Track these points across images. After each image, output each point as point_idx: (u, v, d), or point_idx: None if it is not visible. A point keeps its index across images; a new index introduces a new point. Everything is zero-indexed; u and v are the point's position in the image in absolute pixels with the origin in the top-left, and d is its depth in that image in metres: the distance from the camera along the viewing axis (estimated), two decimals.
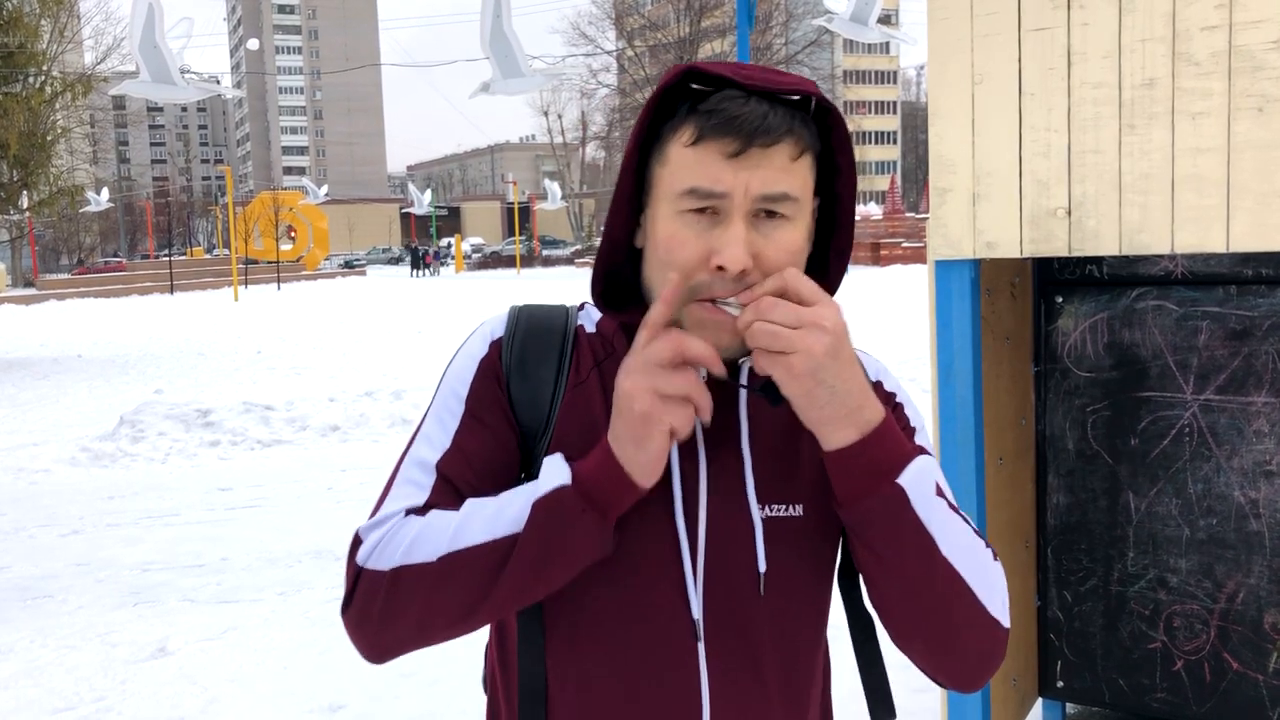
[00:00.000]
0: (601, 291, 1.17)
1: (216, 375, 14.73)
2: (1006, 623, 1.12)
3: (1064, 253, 2.54)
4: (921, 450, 1.08)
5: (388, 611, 1.07)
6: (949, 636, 1.10)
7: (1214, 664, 2.88)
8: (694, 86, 1.08)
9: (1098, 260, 2.98)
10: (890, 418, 1.06)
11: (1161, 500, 2.92)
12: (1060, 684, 3.13)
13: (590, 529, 1.04)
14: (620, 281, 1.18)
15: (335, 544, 6.22)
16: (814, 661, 1.20)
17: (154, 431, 9.42)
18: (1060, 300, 3.01)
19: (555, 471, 1.06)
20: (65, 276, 50.26)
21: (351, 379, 13.30)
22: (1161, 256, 2.87)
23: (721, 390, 1.11)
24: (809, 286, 1.02)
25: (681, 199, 1.06)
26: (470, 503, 1.09)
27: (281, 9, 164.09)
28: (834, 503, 1.08)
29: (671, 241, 1.07)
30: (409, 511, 1.11)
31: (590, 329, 1.21)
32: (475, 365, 1.18)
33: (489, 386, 1.16)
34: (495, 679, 1.23)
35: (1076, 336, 3.00)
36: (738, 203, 1.05)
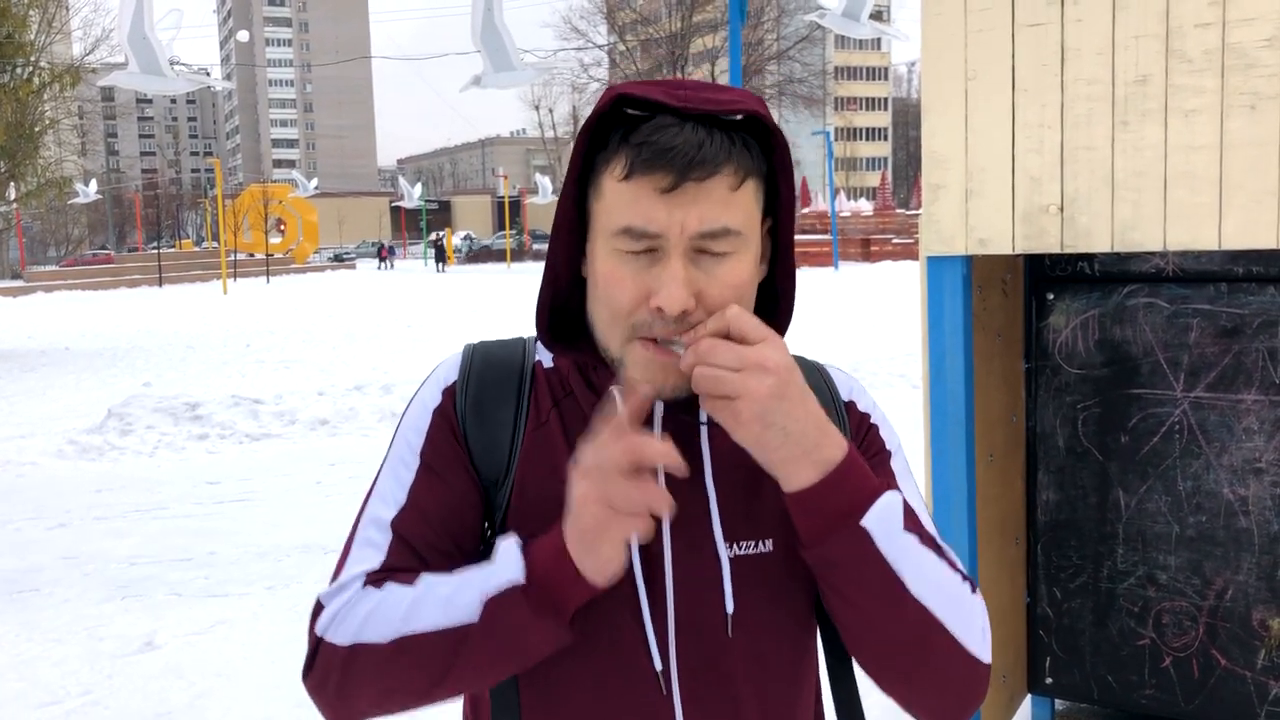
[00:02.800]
0: (549, 323, 1.13)
1: (205, 368, 14.67)
2: (987, 658, 1.08)
3: (1056, 249, 2.54)
4: (888, 485, 1.03)
5: (344, 686, 1.05)
6: (924, 676, 1.06)
7: (1202, 660, 2.89)
8: (628, 111, 1.02)
9: (1089, 257, 2.98)
10: (854, 453, 1.01)
11: (1151, 497, 2.92)
12: (1049, 680, 3.14)
13: (544, 628, 1.00)
14: (571, 310, 1.13)
15: (323, 538, 6.20)
16: (797, 696, 1.15)
17: (142, 425, 9.38)
18: (1051, 297, 3.01)
19: (508, 563, 1.01)
20: (53, 268, 50.07)
21: (341, 373, 13.27)
22: (1153, 254, 2.88)
23: (679, 425, 1.08)
24: (751, 325, 0.97)
25: (616, 238, 1.01)
26: (424, 581, 1.04)
27: (272, 1, 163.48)
28: (797, 544, 1.04)
29: (610, 280, 1.02)
30: (368, 577, 1.07)
31: (548, 364, 1.16)
32: (429, 415, 1.13)
33: (444, 437, 1.12)
34: None
35: (1067, 333, 3.00)
36: (674, 241, 0.99)
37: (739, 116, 1.02)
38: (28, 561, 5.99)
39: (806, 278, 31.03)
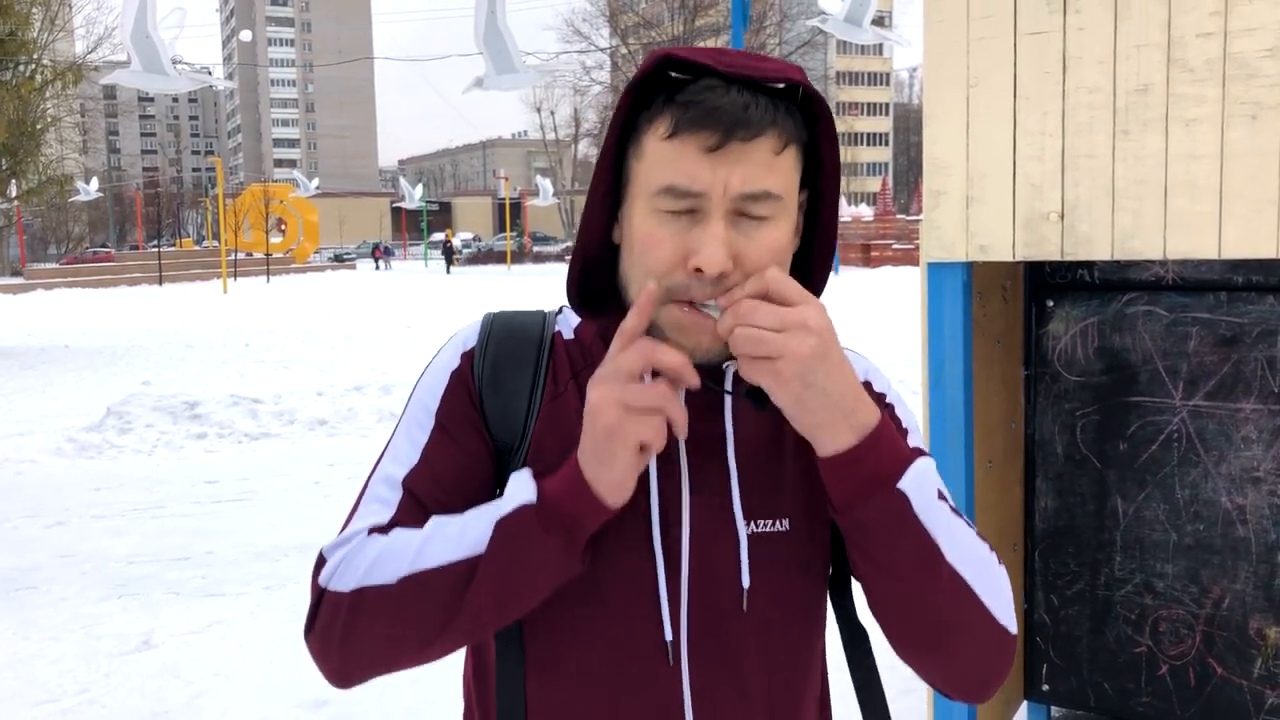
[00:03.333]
0: (579, 292, 1.12)
1: (204, 367, 14.67)
2: (1014, 629, 1.07)
3: (1056, 257, 2.54)
4: (920, 452, 1.04)
5: (349, 634, 1.03)
6: (956, 646, 1.05)
7: (1199, 669, 2.89)
8: (672, 75, 1.02)
9: (1089, 265, 2.99)
10: (886, 419, 1.01)
11: (1149, 505, 2.92)
12: (1046, 687, 3.14)
13: (556, 550, 0.99)
14: (599, 280, 1.12)
15: (322, 538, 6.15)
16: (806, 676, 1.15)
17: (141, 423, 9.38)
18: (1051, 304, 3.02)
19: (520, 489, 1.00)
20: (53, 266, 50.03)
21: (340, 373, 13.28)
22: (1153, 262, 2.88)
23: (705, 396, 1.07)
24: (792, 287, 0.97)
25: (657, 197, 1.00)
26: (434, 521, 1.03)
27: (274, 1, 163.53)
28: (830, 509, 1.03)
29: (648, 241, 1.02)
30: (373, 530, 1.06)
31: (568, 335, 1.16)
32: (446, 377, 1.13)
33: (460, 400, 1.11)
34: (473, 711, 1.18)
35: (1067, 340, 3.01)
36: (716, 201, 0.99)
37: (781, 85, 1.02)
38: (26, 559, 5.99)
39: None
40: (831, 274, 1.19)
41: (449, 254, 51.91)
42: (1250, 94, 2.30)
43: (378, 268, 55.99)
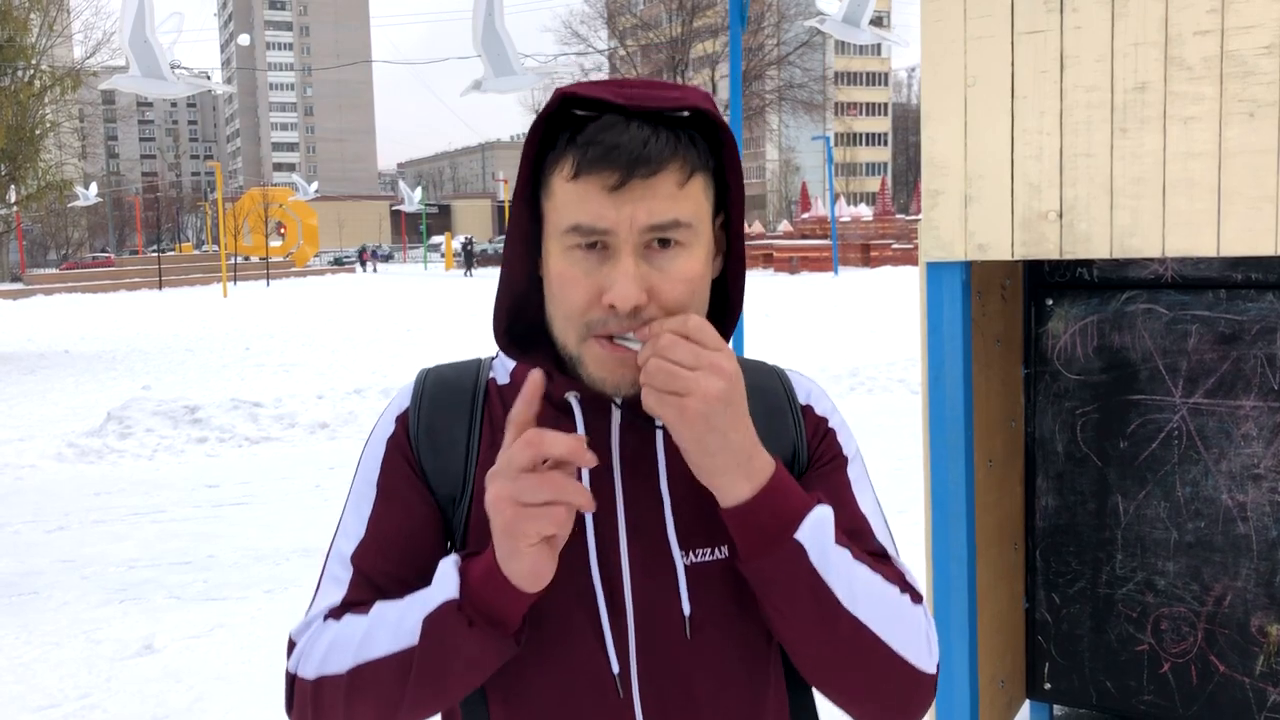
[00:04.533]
0: (507, 329, 1.13)
1: (205, 372, 14.67)
2: (930, 667, 1.09)
3: (1055, 256, 2.54)
4: (819, 500, 1.04)
5: (318, 718, 1.07)
6: (862, 688, 1.07)
7: (1201, 666, 2.89)
8: (576, 112, 1.02)
9: (1088, 263, 2.99)
10: (782, 469, 1.02)
11: (1150, 503, 2.92)
12: (1048, 686, 3.14)
13: (484, 640, 1.00)
14: (529, 316, 1.13)
15: (322, 541, 6.19)
16: (760, 693, 1.15)
17: (141, 428, 9.38)
18: (1050, 303, 3.02)
19: (444, 582, 1.02)
20: (53, 271, 50.08)
21: (340, 376, 13.27)
22: (1151, 260, 2.88)
23: (637, 428, 1.09)
24: (711, 334, 0.98)
25: (567, 235, 1.01)
26: (377, 608, 1.06)
27: (273, 5, 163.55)
28: (735, 558, 1.05)
29: (562, 280, 1.03)
30: (329, 613, 1.10)
31: (503, 380, 1.17)
32: (384, 445, 1.15)
33: (398, 466, 1.13)
34: None
35: (1066, 339, 3.01)
36: (624, 237, 0.99)
37: (685, 113, 1.02)
38: (26, 564, 5.99)
39: (807, 283, 31.07)
40: (831, 274, 1.18)
41: (469, 256, 52.09)
42: (1248, 91, 2.30)
43: (364, 269, 57.07)
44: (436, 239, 74.59)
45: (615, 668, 1.07)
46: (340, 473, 8.00)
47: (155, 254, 50.92)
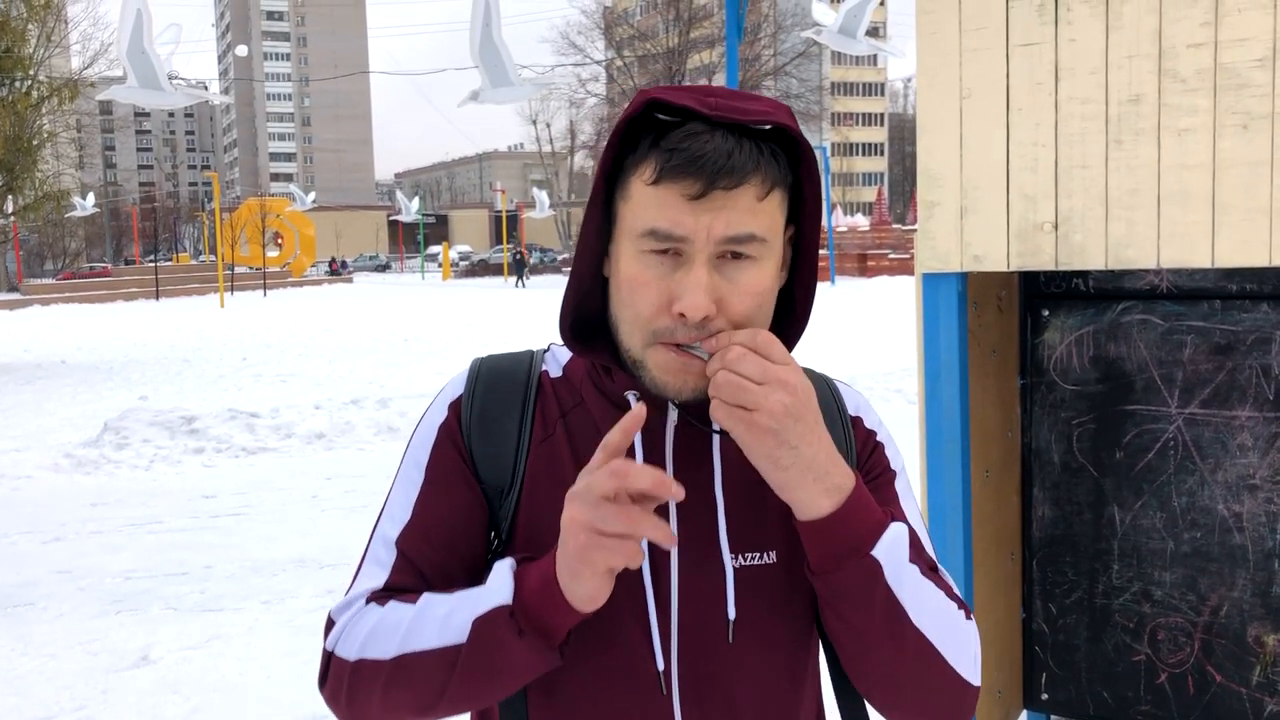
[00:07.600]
0: (571, 323, 1.13)
1: (202, 382, 14.65)
2: (976, 681, 1.11)
3: (1051, 267, 2.55)
4: (893, 515, 1.05)
5: (353, 698, 1.09)
6: (918, 700, 1.09)
7: (1197, 677, 2.89)
8: (658, 116, 1.02)
9: (1083, 274, 3.00)
10: (861, 484, 1.03)
11: (1146, 513, 2.93)
12: (1045, 696, 3.14)
13: (530, 649, 1.02)
14: (591, 310, 1.13)
15: (319, 552, 6.20)
16: (798, 700, 1.17)
17: (138, 438, 9.37)
18: (1046, 314, 3.03)
19: (498, 586, 1.03)
20: (50, 282, 49.98)
21: (337, 387, 13.27)
22: (1147, 271, 2.89)
23: (691, 431, 1.10)
24: (779, 349, 0.99)
25: (642, 239, 1.02)
26: (425, 600, 1.07)
27: (270, 16, 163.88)
28: (806, 569, 1.05)
29: (633, 284, 1.03)
30: (371, 594, 1.11)
31: (556, 373, 1.17)
32: (435, 432, 1.16)
33: (448, 453, 1.14)
34: None
35: (1062, 350, 3.01)
36: (699, 246, 1.00)
37: (767, 127, 1.03)
38: (22, 576, 5.98)
39: None
40: (828, 284, 1.20)
41: (521, 265, 48.36)
42: (1241, 104, 2.31)
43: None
44: (434, 249, 74.62)
45: (660, 665, 1.08)
46: (337, 483, 8.00)
47: (152, 264, 50.91)
